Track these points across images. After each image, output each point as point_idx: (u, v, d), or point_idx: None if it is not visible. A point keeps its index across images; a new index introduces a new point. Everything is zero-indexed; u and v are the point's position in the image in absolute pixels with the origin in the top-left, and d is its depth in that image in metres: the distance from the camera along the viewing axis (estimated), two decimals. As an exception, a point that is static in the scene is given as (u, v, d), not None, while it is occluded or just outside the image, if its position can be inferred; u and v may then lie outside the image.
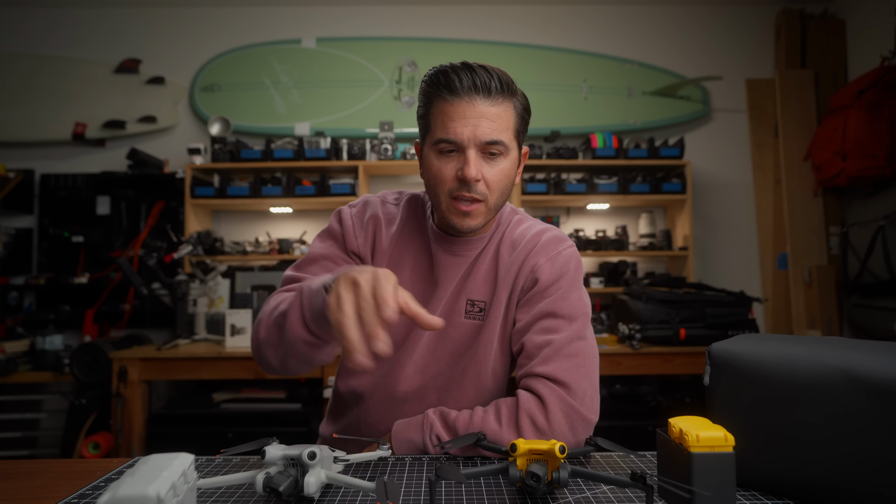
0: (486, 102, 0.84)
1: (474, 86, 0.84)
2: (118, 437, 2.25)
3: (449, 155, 0.87)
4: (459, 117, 0.84)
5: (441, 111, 0.86)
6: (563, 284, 0.94)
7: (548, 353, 0.89)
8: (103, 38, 3.20)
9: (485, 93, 0.84)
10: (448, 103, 0.85)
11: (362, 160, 2.89)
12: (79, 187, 3.01)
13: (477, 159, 0.85)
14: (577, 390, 0.87)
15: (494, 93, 0.85)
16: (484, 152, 0.86)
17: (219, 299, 2.68)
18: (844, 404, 0.60)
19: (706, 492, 0.58)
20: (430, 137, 0.88)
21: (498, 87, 0.85)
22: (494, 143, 0.85)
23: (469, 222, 0.89)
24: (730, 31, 3.27)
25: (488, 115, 0.84)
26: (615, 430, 2.34)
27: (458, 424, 0.87)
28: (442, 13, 3.25)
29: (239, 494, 0.68)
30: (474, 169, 0.85)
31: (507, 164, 0.88)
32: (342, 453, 0.73)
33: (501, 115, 0.86)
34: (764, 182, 3.17)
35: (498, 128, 0.85)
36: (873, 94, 2.57)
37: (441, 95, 0.86)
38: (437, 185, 0.89)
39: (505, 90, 0.86)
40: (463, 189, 0.86)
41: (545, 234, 0.98)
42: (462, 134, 0.84)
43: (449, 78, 0.84)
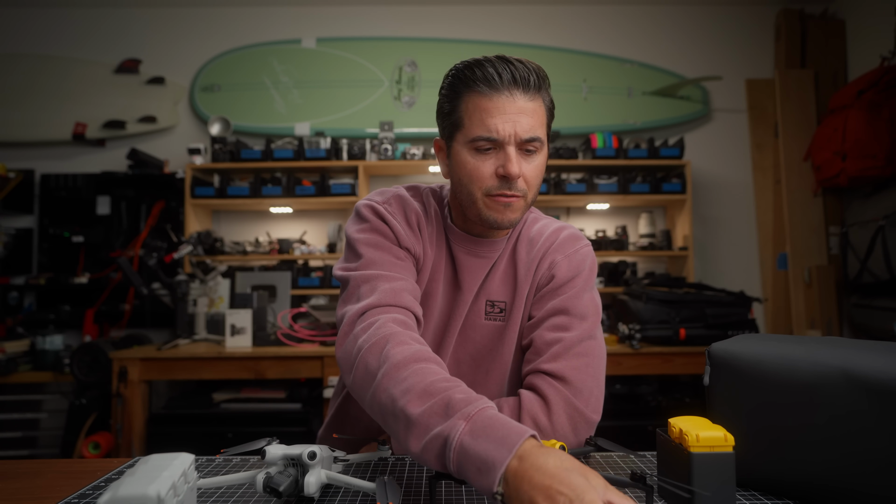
0: (524, 97, 0.81)
1: (513, 80, 0.81)
2: (118, 437, 2.25)
3: (486, 153, 0.83)
4: (499, 113, 0.80)
5: (477, 106, 0.81)
6: (577, 283, 0.92)
7: (557, 350, 0.88)
8: (103, 38, 3.20)
9: (524, 87, 0.81)
10: (486, 98, 0.81)
11: (362, 160, 2.89)
12: (79, 187, 3.01)
13: (517, 156, 0.82)
14: (582, 390, 0.86)
15: (533, 88, 0.82)
16: (521, 148, 0.83)
17: (219, 299, 2.68)
18: (844, 404, 0.60)
19: (706, 492, 0.58)
20: (464, 135, 0.84)
21: (536, 81, 0.83)
22: (533, 140, 0.82)
23: (510, 215, 0.86)
24: (730, 31, 3.27)
25: (527, 111, 0.81)
26: (615, 430, 2.34)
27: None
28: (442, 13, 3.25)
29: (239, 494, 0.68)
30: (517, 166, 0.81)
31: (541, 159, 0.86)
32: (342, 453, 0.73)
33: (537, 111, 0.83)
34: (764, 182, 3.17)
35: (535, 124, 0.83)
36: (873, 94, 2.57)
37: (476, 89, 0.81)
38: (473, 182, 0.84)
39: (542, 84, 0.84)
40: (504, 187, 0.83)
41: (563, 231, 0.97)
42: (503, 130, 0.80)
43: (486, 71, 0.81)
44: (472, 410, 0.60)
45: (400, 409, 0.64)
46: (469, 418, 0.59)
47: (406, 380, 0.66)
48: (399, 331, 0.75)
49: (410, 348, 0.71)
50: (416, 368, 0.68)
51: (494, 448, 0.56)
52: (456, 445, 0.58)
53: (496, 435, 0.57)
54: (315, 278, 2.84)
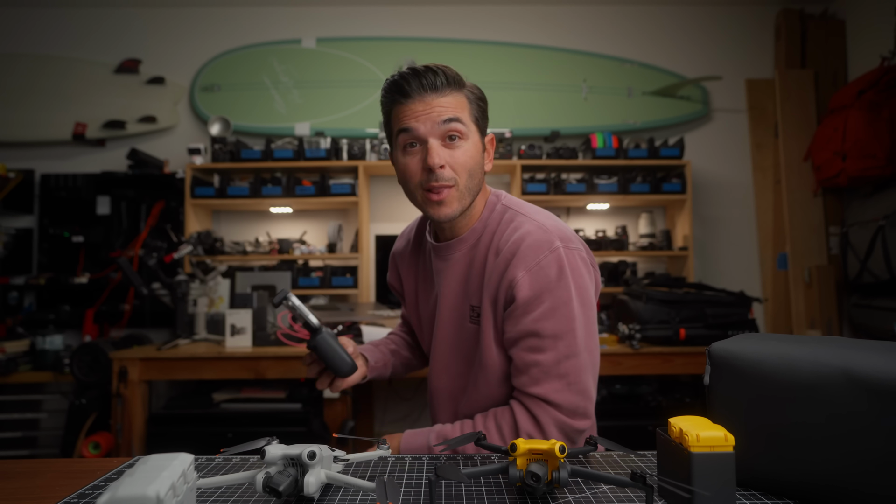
0: (436, 96, 0.89)
1: (422, 86, 0.88)
2: (118, 437, 2.25)
3: (413, 150, 0.90)
4: (414, 114, 0.88)
5: (399, 113, 0.90)
6: (545, 300, 0.87)
7: (536, 373, 0.88)
8: (103, 38, 3.20)
9: (432, 89, 0.89)
10: (403, 105, 0.90)
11: (362, 160, 2.89)
12: (79, 187, 3.01)
13: (438, 147, 0.88)
14: (569, 408, 0.88)
15: (441, 87, 0.89)
16: (444, 138, 0.89)
17: (219, 299, 2.67)
18: (844, 404, 0.60)
19: (706, 491, 0.58)
20: (394, 138, 0.93)
21: (444, 81, 0.89)
22: (452, 121, 0.88)
23: (444, 210, 0.91)
24: (730, 31, 3.27)
25: (441, 104, 0.89)
26: (615, 430, 2.34)
27: (466, 450, 0.91)
28: (442, 13, 3.25)
29: (239, 494, 0.68)
30: (436, 156, 0.87)
31: (469, 145, 0.91)
32: (342, 453, 0.73)
33: (454, 103, 0.90)
34: (764, 182, 3.17)
35: (452, 110, 0.89)
36: (873, 94, 2.57)
37: (395, 100, 0.91)
38: (408, 180, 0.92)
39: (452, 83, 0.90)
40: (431, 179, 0.89)
41: (526, 239, 0.89)
42: (418, 125, 0.88)
43: (399, 84, 0.89)
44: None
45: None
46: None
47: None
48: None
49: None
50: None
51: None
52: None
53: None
54: (315, 278, 2.84)
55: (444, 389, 1.04)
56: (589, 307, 0.92)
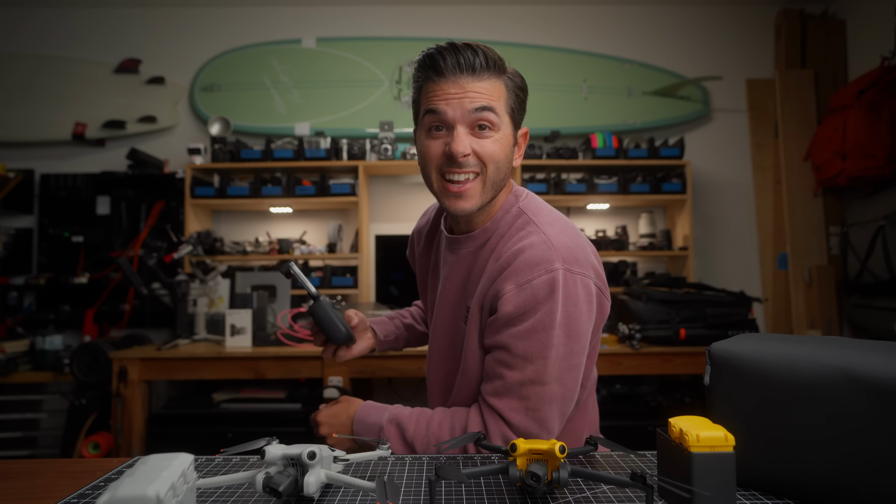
0: (472, 79, 0.82)
1: (458, 64, 0.82)
2: (118, 437, 2.25)
3: (437, 133, 0.85)
4: (445, 95, 0.82)
5: (428, 92, 0.85)
6: (526, 319, 0.82)
7: (499, 386, 0.85)
8: (103, 38, 3.20)
9: (469, 70, 0.82)
10: (434, 83, 0.84)
11: (362, 160, 2.89)
12: (79, 187, 3.01)
13: (465, 134, 0.83)
14: (521, 431, 0.84)
15: (479, 69, 0.82)
16: (473, 126, 0.84)
17: (219, 299, 2.67)
18: (845, 404, 0.60)
19: (706, 492, 0.58)
20: (419, 118, 0.87)
21: (483, 63, 0.83)
22: (484, 110, 0.82)
23: (462, 204, 0.86)
24: (730, 31, 3.27)
25: (475, 90, 0.82)
26: (615, 430, 2.33)
27: (416, 442, 0.89)
28: (442, 13, 3.25)
29: (239, 494, 0.68)
30: (461, 143, 0.82)
31: (500, 137, 0.85)
32: (342, 453, 0.73)
33: (490, 90, 0.83)
34: (764, 182, 3.17)
35: (486, 98, 0.83)
36: (873, 94, 2.57)
37: (428, 77, 0.85)
38: (427, 163, 0.87)
39: (491, 66, 0.84)
40: (453, 165, 0.84)
41: (525, 252, 0.84)
42: (447, 109, 0.82)
43: (434, 60, 0.83)
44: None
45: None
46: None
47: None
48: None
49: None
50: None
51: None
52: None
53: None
54: (315, 278, 2.84)
55: (438, 381, 1.03)
56: (575, 339, 0.83)
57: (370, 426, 0.94)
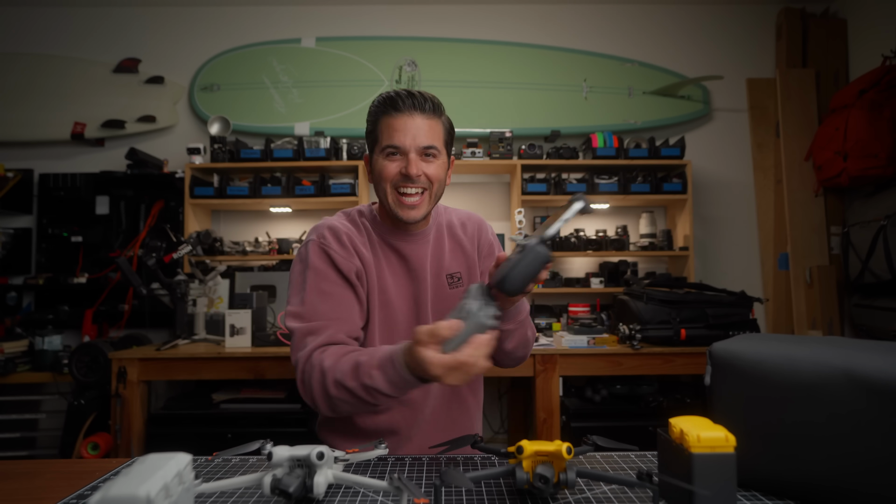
0: (421, 116, 1.08)
1: (413, 104, 1.07)
2: (117, 438, 2.24)
3: (393, 157, 1.08)
4: (402, 128, 1.07)
5: (387, 125, 1.08)
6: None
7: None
8: (103, 37, 3.19)
9: (420, 110, 1.08)
10: (392, 118, 1.08)
11: (362, 160, 2.89)
12: (78, 187, 3.01)
13: (417, 160, 1.08)
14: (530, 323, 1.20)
15: (428, 111, 1.08)
16: (421, 154, 1.08)
17: (218, 299, 2.67)
18: (845, 404, 0.60)
19: (707, 492, 0.58)
20: (378, 146, 1.09)
21: (431, 107, 1.09)
22: (430, 147, 1.09)
23: (413, 213, 1.10)
24: (730, 31, 3.26)
25: (423, 127, 1.07)
26: (615, 431, 2.33)
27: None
28: (442, 13, 3.25)
29: (238, 495, 0.68)
30: (415, 167, 1.07)
31: (440, 163, 1.12)
32: (342, 453, 0.72)
33: (434, 127, 1.09)
34: (765, 182, 3.16)
35: (432, 136, 1.09)
36: (874, 93, 2.56)
37: (387, 112, 1.08)
38: (383, 179, 1.09)
39: (436, 110, 1.10)
40: (407, 182, 1.08)
41: (474, 215, 1.31)
42: (404, 141, 1.07)
43: (394, 100, 1.07)
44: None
45: (347, 387, 0.92)
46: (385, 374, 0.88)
47: (340, 372, 0.94)
48: (327, 352, 0.99)
49: (334, 356, 0.98)
50: (343, 361, 0.95)
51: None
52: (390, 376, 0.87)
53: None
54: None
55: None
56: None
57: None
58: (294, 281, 1.11)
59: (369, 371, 0.88)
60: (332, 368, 0.94)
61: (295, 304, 1.08)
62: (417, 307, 1.16)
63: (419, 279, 1.17)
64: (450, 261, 1.21)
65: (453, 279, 1.20)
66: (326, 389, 0.95)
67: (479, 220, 1.30)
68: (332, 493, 0.68)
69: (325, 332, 1.03)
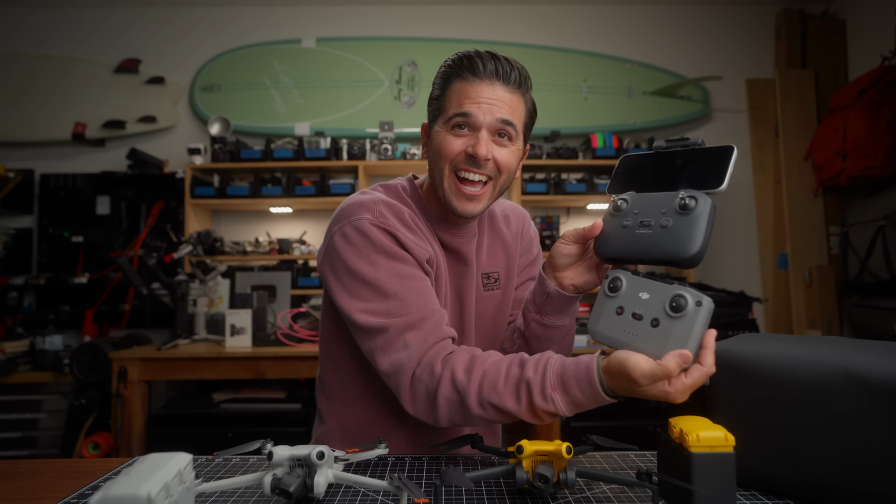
0: (504, 88, 0.86)
1: (496, 72, 0.85)
2: (118, 438, 2.25)
3: (461, 131, 0.87)
4: (478, 97, 0.85)
5: (460, 90, 0.86)
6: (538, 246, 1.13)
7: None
8: (103, 37, 3.20)
9: (504, 80, 0.86)
10: (468, 83, 0.86)
11: (362, 160, 2.89)
12: (79, 187, 3.01)
13: (488, 140, 0.86)
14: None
15: (513, 83, 0.87)
16: (494, 134, 0.87)
17: (219, 299, 2.67)
18: (845, 404, 0.60)
19: (706, 491, 0.58)
20: (444, 116, 0.88)
21: (517, 78, 0.87)
22: (508, 124, 0.86)
23: (472, 207, 0.89)
24: (730, 31, 3.26)
25: (504, 101, 0.86)
26: (615, 430, 2.33)
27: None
28: (442, 13, 3.25)
29: (238, 495, 0.68)
30: (485, 147, 0.85)
31: (514, 149, 0.90)
32: (342, 453, 0.72)
33: (515, 104, 0.88)
34: (764, 182, 3.16)
35: (511, 113, 0.87)
36: (874, 93, 2.57)
37: (462, 76, 0.86)
38: (442, 158, 0.88)
39: (522, 83, 0.89)
40: (472, 164, 0.86)
41: (518, 207, 1.13)
42: (478, 113, 0.85)
43: (473, 61, 0.86)
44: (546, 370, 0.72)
45: (505, 410, 0.74)
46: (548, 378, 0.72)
47: (489, 390, 0.75)
48: (453, 359, 0.79)
49: (466, 364, 0.78)
50: (484, 375, 0.76)
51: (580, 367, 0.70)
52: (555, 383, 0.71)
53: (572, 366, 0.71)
54: (315, 278, 2.84)
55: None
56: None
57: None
58: (350, 269, 0.84)
59: (547, 393, 0.70)
60: (476, 385, 0.75)
61: (368, 296, 0.83)
62: (462, 311, 0.98)
63: (467, 277, 0.98)
64: (488, 258, 1.02)
65: (490, 280, 1.02)
66: (466, 409, 0.75)
67: (522, 212, 1.11)
68: (332, 493, 0.69)
69: (430, 327, 0.82)
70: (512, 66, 0.87)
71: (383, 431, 0.95)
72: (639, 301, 0.67)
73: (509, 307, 1.05)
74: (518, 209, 1.11)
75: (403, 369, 0.79)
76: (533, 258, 1.09)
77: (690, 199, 0.66)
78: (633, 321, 0.66)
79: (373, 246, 0.84)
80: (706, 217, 0.65)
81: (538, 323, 0.89)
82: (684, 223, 0.66)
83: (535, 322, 0.90)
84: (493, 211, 1.05)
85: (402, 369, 0.80)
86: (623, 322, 0.67)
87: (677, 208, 0.67)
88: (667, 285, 0.66)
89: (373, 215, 0.86)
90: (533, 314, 0.90)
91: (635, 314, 0.66)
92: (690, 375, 0.62)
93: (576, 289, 0.85)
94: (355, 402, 0.96)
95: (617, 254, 0.73)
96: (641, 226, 0.70)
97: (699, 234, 0.65)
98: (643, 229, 0.70)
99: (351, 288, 0.84)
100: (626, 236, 0.72)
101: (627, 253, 0.72)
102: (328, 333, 0.98)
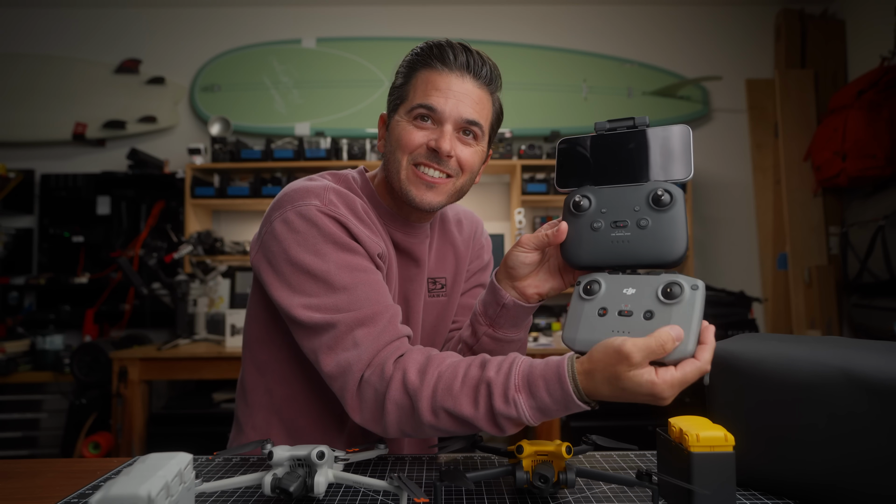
0: (473, 83, 0.81)
1: (467, 64, 0.80)
2: (118, 437, 2.25)
3: (423, 123, 0.81)
4: (446, 88, 0.79)
5: (427, 80, 0.80)
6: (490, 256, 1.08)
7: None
8: (103, 38, 3.20)
9: (475, 74, 0.81)
10: (437, 73, 0.80)
11: (362, 160, 2.89)
12: (79, 187, 3.01)
13: (452, 135, 0.80)
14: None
15: (483, 78, 0.82)
16: (459, 130, 0.81)
17: (219, 299, 2.67)
18: (844, 404, 0.60)
19: (706, 491, 0.58)
20: (406, 106, 0.82)
21: (488, 74, 0.82)
22: (473, 124, 0.81)
23: (431, 197, 0.82)
24: (730, 32, 3.27)
25: (472, 96, 0.81)
26: (615, 430, 2.33)
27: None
28: (442, 13, 3.25)
29: (239, 494, 0.68)
30: (448, 142, 0.79)
31: (479, 149, 0.84)
32: (341, 452, 0.72)
33: (483, 102, 0.82)
34: (764, 182, 3.17)
35: (479, 111, 0.81)
36: (873, 94, 2.57)
37: (431, 65, 0.81)
38: (401, 149, 0.81)
39: (493, 81, 0.84)
40: (432, 159, 0.80)
41: (472, 213, 1.06)
42: (444, 106, 0.79)
43: (444, 51, 0.80)
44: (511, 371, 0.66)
45: (460, 417, 0.66)
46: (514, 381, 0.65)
47: (443, 394, 0.67)
48: (405, 360, 0.71)
49: (420, 365, 0.70)
50: (439, 377, 0.68)
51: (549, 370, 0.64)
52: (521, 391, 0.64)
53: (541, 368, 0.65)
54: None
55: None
56: None
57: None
58: (292, 260, 0.75)
59: (510, 395, 0.63)
60: (430, 388, 0.67)
61: (313, 289, 0.74)
62: (409, 315, 0.91)
63: (417, 281, 0.91)
64: (436, 262, 0.96)
65: (436, 286, 0.95)
66: (417, 416, 0.68)
67: (476, 218, 1.05)
68: (332, 493, 0.69)
69: (383, 324, 0.74)
70: (484, 61, 0.82)
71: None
72: (624, 297, 0.62)
73: (452, 315, 0.99)
74: (471, 215, 1.04)
75: (351, 370, 0.71)
76: (483, 265, 1.03)
77: (664, 193, 0.61)
78: (622, 318, 0.61)
79: (320, 234, 0.76)
80: (684, 210, 0.62)
81: (490, 337, 0.82)
82: (664, 221, 0.62)
83: (486, 336, 0.82)
84: (445, 214, 0.98)
85: (349, 371, 0.71)
86: (609, 322, 0.62)
87: (651, 203, 0.62)
88: (653, 276, 0.62)
89: (321, 202, 0.78)
90: (485, 327, 0.82)
91: (623, 311, 0.61)
92: (682, 369, 0.58)
93: (541, 297, 0.78)
94: (280, 410, 0.87)
95: (594, 262, 0.67)
96: (616, 227, 0.64)
97: (681, 231, 0.61)
98: (619, 231, 0.64)
99: (292, 281, 0.75)
100: (601, 240, 0.66)
101: (606, 260, 0.66)
102: (254, 333, 0.88)
